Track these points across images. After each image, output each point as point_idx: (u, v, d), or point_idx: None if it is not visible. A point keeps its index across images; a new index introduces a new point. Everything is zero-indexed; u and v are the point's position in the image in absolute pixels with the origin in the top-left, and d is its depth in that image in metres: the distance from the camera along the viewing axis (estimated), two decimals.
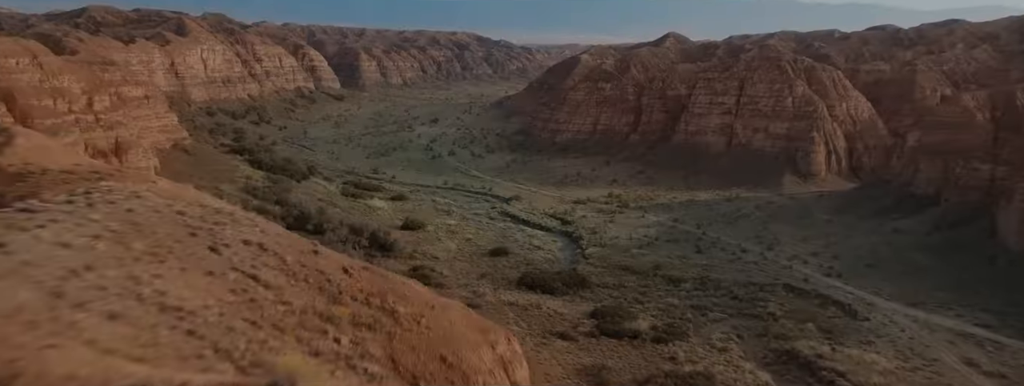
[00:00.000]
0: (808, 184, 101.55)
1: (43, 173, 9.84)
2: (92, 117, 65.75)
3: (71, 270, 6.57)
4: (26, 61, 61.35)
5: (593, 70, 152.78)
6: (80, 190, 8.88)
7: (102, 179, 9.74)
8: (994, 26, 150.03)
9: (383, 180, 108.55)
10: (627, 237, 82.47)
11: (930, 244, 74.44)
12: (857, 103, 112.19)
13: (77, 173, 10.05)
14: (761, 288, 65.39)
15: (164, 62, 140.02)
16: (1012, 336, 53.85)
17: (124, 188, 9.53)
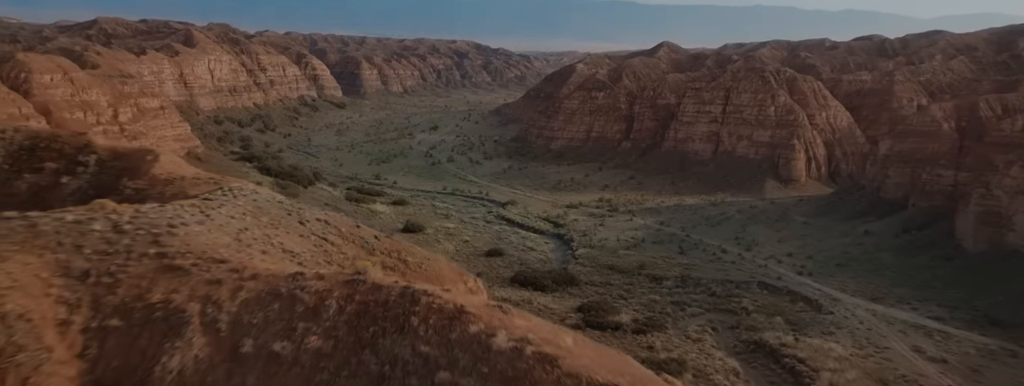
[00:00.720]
0: (789, 189, 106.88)
1: (182, 179, 14.92)
2: (117, 128, 71.04)
3: (239, 229, 11.80)
4: (59, 77, 66.70)
5: (587, 79, 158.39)
6: (217, 188, 14.14)
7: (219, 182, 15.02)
8: (974, 38, 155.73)
9: (385, 186, 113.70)
10: (615, 239, 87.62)
11: (896, 245, 79.69)
12: (836, 112, 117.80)
13: (201, 178, 15.27)
14: (737, 285, 70.53)
15: (173, 72, 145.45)
16: (959, 327, 59.08)
17: (246, 187, 14.85)
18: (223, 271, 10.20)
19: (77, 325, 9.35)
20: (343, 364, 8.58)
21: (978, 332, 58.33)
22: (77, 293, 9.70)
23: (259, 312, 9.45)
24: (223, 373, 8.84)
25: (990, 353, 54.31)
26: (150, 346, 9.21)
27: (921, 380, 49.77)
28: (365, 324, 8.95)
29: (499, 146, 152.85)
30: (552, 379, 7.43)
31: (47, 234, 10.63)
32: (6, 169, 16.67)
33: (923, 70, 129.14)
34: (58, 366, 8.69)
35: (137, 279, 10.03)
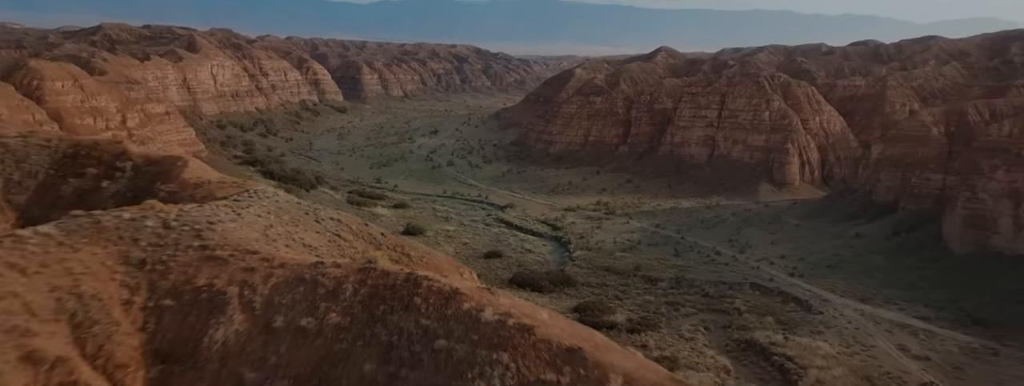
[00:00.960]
0: (783, 192, 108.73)
1: (209, 182, 16.84)
2: (126, 133, 72.98)
3: (265, 226, 13.74)
4: (69, 84, 68.67)
5: (586, 84, 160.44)
6: (243, 191, 16.06)
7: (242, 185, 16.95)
8: (967, 44, 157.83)
9: (386, 189, 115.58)
10: (612, 241, 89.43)
11: (886, 247, 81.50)
12: (829, 117, 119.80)
13: (226, 181, 17.20)
14: (730, 286, 72.33)
15: (177, 78, 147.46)
16: (944, 326, 60.88)
17: (268, 190, 16.78)
18: (256, 260, 12.10)
19: (138, 304, 11.21)
20: (359, 335, 10.45)
21: (962, 331, 60.14)
22: (136, 278, 11.57)
23: (287, 294, 11.33)
24: (259, 344, 10.70)
25: (972, 351, 56.11)
26: (198, 322, 11.07)
27: (904, 377, 51.58)
28: (376, 303, 10.83)
29: (498, 150, 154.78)
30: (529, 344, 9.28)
31: (109, 230, 12.51)
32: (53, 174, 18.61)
33: (916, 76, 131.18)
34: (125, 337, 10.54)
35: (185, 267, 11.91)
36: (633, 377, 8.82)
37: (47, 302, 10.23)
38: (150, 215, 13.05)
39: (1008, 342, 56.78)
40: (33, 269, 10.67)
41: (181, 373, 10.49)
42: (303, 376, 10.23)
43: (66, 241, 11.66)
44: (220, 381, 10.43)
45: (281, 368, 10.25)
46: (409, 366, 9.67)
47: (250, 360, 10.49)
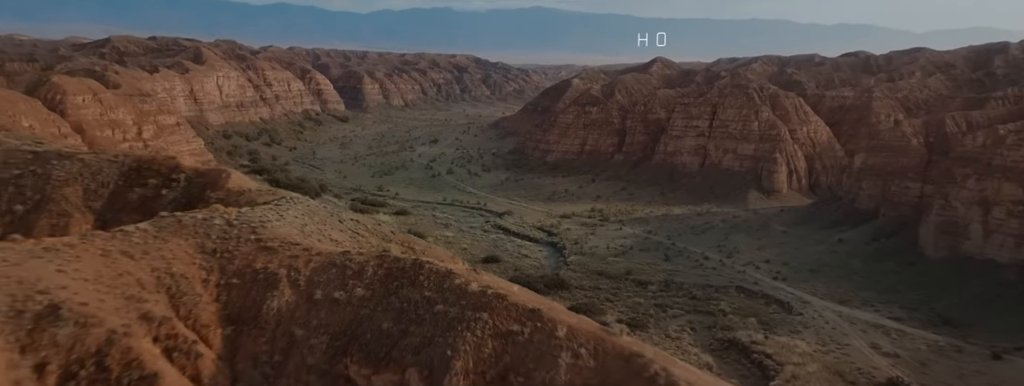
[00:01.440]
0: (771, 200, 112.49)
1: (249, 191, 20.54)
2: (142, 144, 76.90)
3: (302, 225, 17.50)
4: (89, 98, 72.67)
5: (582, 94, 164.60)
6: (280, 197, 19.79)
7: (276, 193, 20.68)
8: (953, 55, 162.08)
9: (387, 197, 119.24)
10: (605, 247, 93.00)
11: (866, 252, 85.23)
12: (816, 127, 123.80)
13: (263, 190, 20.95)
14: (717, 289, 75.90)
15: (184, 89, 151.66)
16: (915, 326, 64.50)
17: (300, 197, 20.55)
18: (298, 250, 15.82)
19: (213, 282, 14.91)
20: (378, 304, 14.16)
21: (931, 331, 63.75)
22: (210, 263, 15.28)
23: (323, 274, 15.05)
24: (304, 310, 14.41)
25: (939, 349, 59.72)
26: (257, 295, 14.76)
27: (874, 372, 55.22)
28: (390, 281, 14.55)
29: (497, 159, 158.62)
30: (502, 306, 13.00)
31: (189, 226, 16.23)
32: (121, 184, 22.36)
33: (901, 87, 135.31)
34: (206, 305, 14.24)
35: (245, 254, 15.63)
36: (575, 327, 12.39)
37: (151, 279, 13.92)
38: (217, 216, 16.75)
39: (972, 340, 60.39)
40: (138, 255, 14.36)
41: (247, 331, 14.16)
42: (338, 333, 13.92)
43: (159, 235, 15.33)
44: (276, 337, 14.11)
45: (321, 327, 13.95)
46: (415, 323, 13.35)
47: (298, 322, 14.16)
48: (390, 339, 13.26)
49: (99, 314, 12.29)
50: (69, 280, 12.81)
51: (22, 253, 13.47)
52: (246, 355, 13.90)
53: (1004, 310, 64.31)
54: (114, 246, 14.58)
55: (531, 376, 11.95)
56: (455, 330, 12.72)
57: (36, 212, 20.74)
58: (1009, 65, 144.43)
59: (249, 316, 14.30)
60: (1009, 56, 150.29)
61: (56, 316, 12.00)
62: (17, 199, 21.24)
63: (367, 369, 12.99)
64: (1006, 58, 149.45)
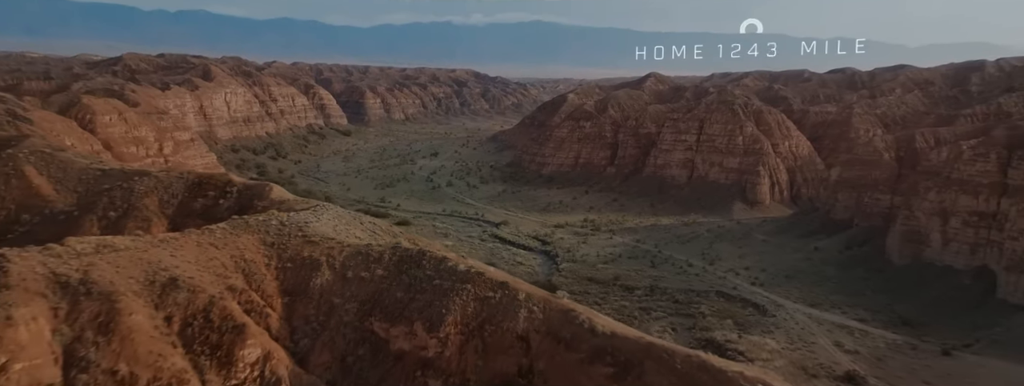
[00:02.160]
0: (754, 211, 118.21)
1: (288, 200, 26.14)
2: (162, 159, 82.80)
3: (334, 225, 23.03)
4: (115, 117, 78.70)
5: (576, 109, 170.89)
6: (314, 205, 25.43)
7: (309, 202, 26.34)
8: (932, 73, 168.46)
9: (390, 208, 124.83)
10: (596, 255, 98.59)
11: (839, 260, 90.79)
12: (798, 141, 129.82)
13: (298, 200, 26.61)
14: (698, 294, 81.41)
15: (194, 105, 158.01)
16: (876, 327, 70.00)
17: (329, 205, 26.24)
18: (334, 243, 21.46)
19: (273, 266, 20.52)
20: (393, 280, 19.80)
21: (891, 330, 69.22)
22: (270, 252, 20.92)
23: (352, 260, 20.69)
24: (339, 285, 20.02)
25: (896, 347, 65.19)
26: (305, 275, 20.34)
27: (834, 367, 60.72)
28: (402, 264, 20.18)
29: (495, 171, 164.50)
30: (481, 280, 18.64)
31: (253, 226, 21.87)
32: (187, 196, 28.11)
33: (880, 103, 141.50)
34: (269, 281, 19.83)
35: (295, 246, 21.26)
36: (530, 293, 17.87)
37: (231, 262, 19.53)
38: (273, 218, 22.36)
39: (927, 339, 65.83)
40: (221, 246, 19.97)
41: (299, 300, 19.73)
42: (364, 300, 19.50)
43: (233, 232, 20.93)
44: (320, 304, 19.70)
45: (352, 297, 19.52)
46: (420, 292, 18.91)
47: (335, 293, 19.72)
48: (402, 303, 18.82)
49: (202, 285, 17.85)
50: (179, 262, 18.39)
51: (147, 244, 19.07)
52: (299, 316, 19.44)
53: (958, 311, 69.82)
54: (204, 239, 20.15)
55: (500, 325, 17.53)
56: (448, 296, 18.27)
57: (125, 217, 26.39)
58: (985, 83, 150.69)
59: (300, 289, 19.82)
60: (985, 74, 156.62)
61: (175, 285, 17.56)
62: (110, 207, 26.98)
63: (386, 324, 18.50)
64: (982, 76, 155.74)
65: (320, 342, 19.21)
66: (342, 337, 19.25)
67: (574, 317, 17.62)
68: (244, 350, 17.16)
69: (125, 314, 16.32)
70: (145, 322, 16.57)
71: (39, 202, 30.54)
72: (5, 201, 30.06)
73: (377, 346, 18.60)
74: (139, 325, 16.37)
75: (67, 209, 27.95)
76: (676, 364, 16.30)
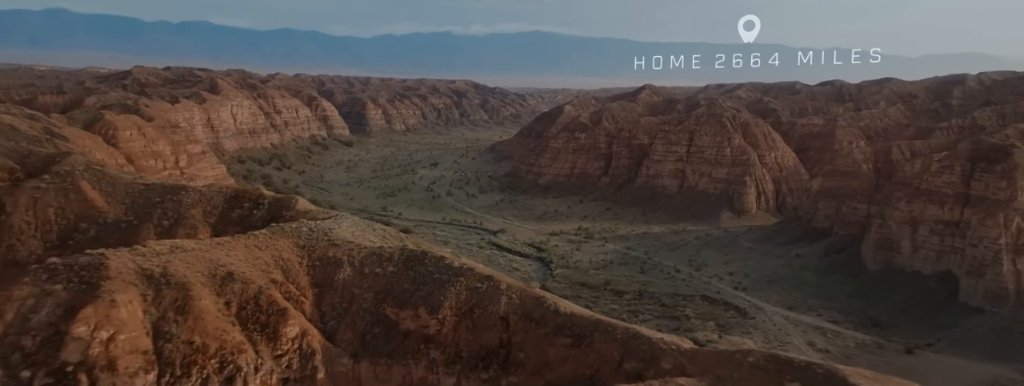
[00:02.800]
0: (741, 219, 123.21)
1: (312, 210, 31.04)
2: (178, 172, 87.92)
3: (352, 231, 27.94)
4: (135, 132, 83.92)
5: (572, 121, 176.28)
6: (335, 215, 30.34)
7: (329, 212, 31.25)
8: (915, 86, 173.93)
9: (391, 217, 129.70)
10: (588, 261, 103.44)
11: (818, 266, 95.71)
12: (783, 153, 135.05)
13: (319, 210, 31.54)
14: (684, 298, 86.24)
15: (202, 118, 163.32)
16: (848, 328, 74.83)
17: (349, 215, 31.19)
18: (353, 245, 26.42)
19: (305, 264, 25.48)
20: (401, 275, 24.78)
21: (861, 331, 74.06)
22: (302, 253, 25.92)
23: (368, 259, 25.67)
24: (358, 279, 24.97)
25: (864, 346, 70.04)
26: (331, 271, 25.29)
27: None
28: (408, 262, 25.15)
29: (493, 181, 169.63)
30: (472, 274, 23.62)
31: (288, 231, 26.85)
32: (226, 207, 33.12)
33: (863, 116, 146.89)
34: (303, 277, 24.79)
35: (322, 248, 26.23)
36: (510, 284, 22.74)
37: (271, 260, 24.47)
38: (303, 226, 27.33)
39: (893, 338, 70.67)
40: (263, 247, 24.89)
41: (327, 291, 24.63)
42: (379, 291, 24.41)
43: (272, 236, 25.85)
44: (343, 294, 24.60)
45: (369, 288, 24.40)
46: (423, 284, 23.79)
47: (355, 286, 24.63)
48: (408, 293, 23.69)
49: (251, 278, 22.71)
50: (233, 260, 23.28)
51: (207, 246, 24.01)
52: (327, 304, 24.29)
53: (924, 313, 74.70)
54: (251, 243, 25.05)
55: (486, 309, 22.43)
56: (445, 287, 23.13)
57: (176, 226, 31.36)
58: (965, 96, 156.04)
59: (327, 282, 24.69)
60: (966, 88, 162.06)
61: (231, 278, 22.46)
62: (164, 217, 31.97)
63: (396, 309, 23.36)
64: (963, 89, 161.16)
65: (344, 323, 24.12)
66: (361, 319, 24.20)
67: (543, 302, 22.60)
68: (286, 328, 22.07)
69: (196, 299, 21.25)
70: (211, 305, 21.46)
71: (94, 213, 35.55)
72: (65, 212, 35.08)
73: (389, 326, 23.50)
74: (207, 308, 21.28)
75: (126, 218, 32.99)
76: (617, 334, 21.12)
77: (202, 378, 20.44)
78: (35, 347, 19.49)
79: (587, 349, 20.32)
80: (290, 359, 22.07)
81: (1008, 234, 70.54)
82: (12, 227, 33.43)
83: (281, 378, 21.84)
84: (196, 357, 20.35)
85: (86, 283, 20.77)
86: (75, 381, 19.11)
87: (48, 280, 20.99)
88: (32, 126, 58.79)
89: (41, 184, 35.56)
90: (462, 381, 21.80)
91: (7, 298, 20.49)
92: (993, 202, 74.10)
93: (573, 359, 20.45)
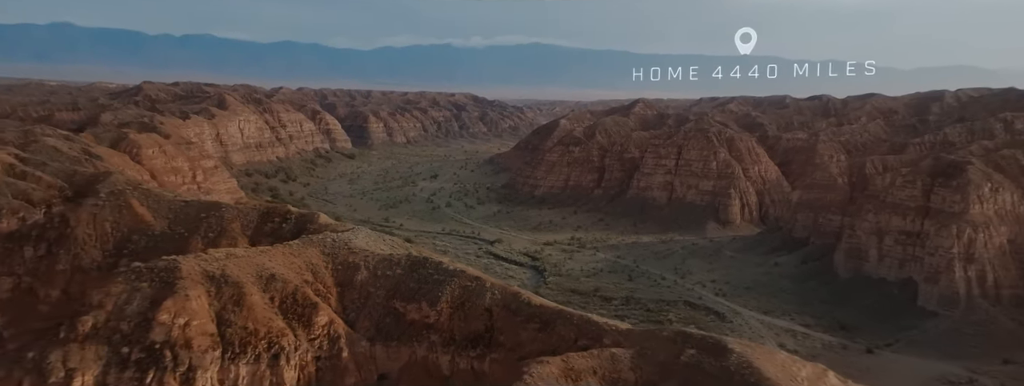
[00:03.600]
0: (726, 230, 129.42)
1: (332, 223, 37.04)
2: (196, 186, 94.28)
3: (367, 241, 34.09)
4: (156, 150, 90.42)
5: (567, 135, 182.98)
6: (352, 227, 36.35)
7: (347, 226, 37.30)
8: (896, 102, 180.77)
9: (393, 227, 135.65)
10: (579, 269, 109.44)
11: (795, 274, 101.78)
12: (767, 166, 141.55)
13: (338, 224, 37.53)
14: (668, 303, 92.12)
15: (212, 133, 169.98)
16: (817, 330, 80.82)
17: (363, 228, 37.37)
18: (368, 253, 32.58)
19: (330, 267, 31.63)
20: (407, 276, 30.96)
21: (829, 334, 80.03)
22: (327, 259, 32.10)
23: (381, 264, 31.86)
24: (372, 280, 31.14)
25: (830, 347, 76.03)
26: (350, 274, 31.39)
27: None
28: (413, 266, 31.33)
29: (491, 192, 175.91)
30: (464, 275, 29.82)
31: (315, 241, 33.06)
32: (259, 221, 39.40)
33: (844, 131, 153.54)
34: (328, 278, 30.92)
35: (343, 255, 32.39)
36: (494, 282, 28.75)
37: (304, 264, 30.63)
38: (327, 237, 33.52)
39: (857, 340, 76.67)
40: (297, 254, 31.04)
41: (347, 290, 30.73)
42: (390, 289, 30.54)
43: (304, 245, 31.97)
44: (360, 292, 30.75)
45: (381, 287, 30.49)
46: (425, 283, 29.86)
47: (370, 285, 30.76)
48: (413, 290, 29.79)
49: (291, 278, 28.83)
50: (274, 264, 29.39)
51: (253, 253, 30.16)
52: (348, 299, 30.35)
53: (887, 316, 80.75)
54: (286, 250, 31.18)
55: (474, 302, 28.52)
56: (442, 285, 29.22)
57: (219, 237, 37.54)
58: (943, 112, 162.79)
59: (347, 283, 30.75)
60: (944, 104, 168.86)
61: (273, 278, 28.55)
62: (209, 230, 38.23)
63: (403, 303, 29.43)
64: (941, 106, 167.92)
65: (362, 315, 30.29)
66: (375, 311, 30.40)
67: (519, 296, 28.78)
68: (318, 317, 28.15)
69: (248, 295, 27.42)
70: (259, 300, 27.59)
71: (143, 226, 41.79)
72: (119, 225, 41.37)
73: (398, 317, 29.61)
74: (256, 301, 27.43)
75: (177, 231, 39.28)
76: (574, 320, 27.17)
77: (255, 355, 26.59)
78: (130, 330, 25.65)
79: (551, 332, 26.32)
80: (321, 341, 28.21)
81: (960, 244, 76.80)
82: (77, 238, 39.70)
83: (314, 356, 27.99)
84: (250, 339, 26.47)
85: (165, 282, 26.94)
86: (161, 356, 25.24)
87: (136, 279, 27.16)
88: (71, 147, 65.29)
89: (98, 201, 41.86)
90: (455, 359, 28.01)
91: (106, 293, 26.70)
92: (948, 214, 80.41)
93: (540, 339, 26.54)
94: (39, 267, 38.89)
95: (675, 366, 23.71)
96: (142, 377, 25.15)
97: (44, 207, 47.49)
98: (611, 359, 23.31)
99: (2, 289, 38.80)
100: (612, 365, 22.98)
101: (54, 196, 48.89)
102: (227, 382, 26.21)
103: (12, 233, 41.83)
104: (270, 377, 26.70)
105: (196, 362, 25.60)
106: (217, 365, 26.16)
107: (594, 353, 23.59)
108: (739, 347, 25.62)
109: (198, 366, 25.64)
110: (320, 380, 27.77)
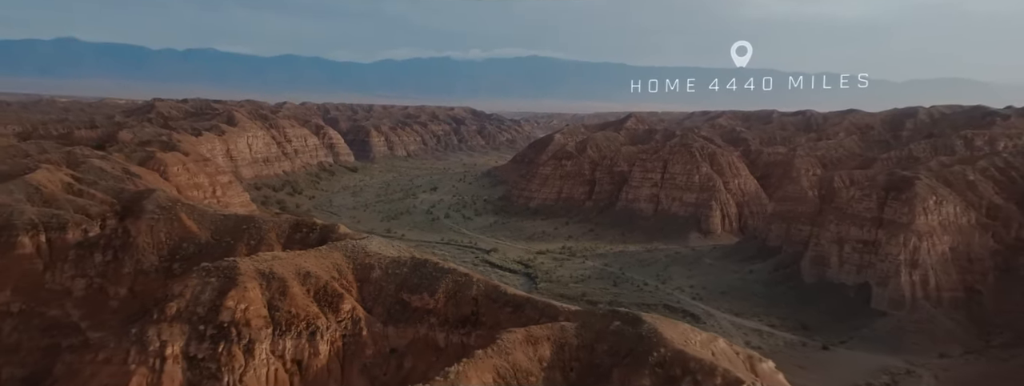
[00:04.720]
0: (707, 239, 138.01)
1: (349, 233, 45.33)
2: (215, 200, 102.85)
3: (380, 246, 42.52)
4: (180, 167, 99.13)
5: (560, 149, 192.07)
6: (367, 235, 44.66)
7: (362, 235, 45.72)
8: (872, 118, 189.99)
9: (395, 238, 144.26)
10: (569, 276, 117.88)
11: (767, 279, 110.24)
12: (746, 180, 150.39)
13: (356, 233, 46.00)
14: (648, 307, 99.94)
15: (222, 149, 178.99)
16: (782, 330, 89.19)
17: (376, 236, 45.80)
18: (381, 256, 41.04)
19: (351, 268, 40.06)
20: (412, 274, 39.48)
21: (791, 333, 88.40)
22: (349, 261, 40.57)
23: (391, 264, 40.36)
24: (384, 277, 39.59)
25: (790, 345, 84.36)
26: (367, 272, 39.80)
27: None
28: (416, 266, 39.82)
29: (488, 204, 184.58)
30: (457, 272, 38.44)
31: (339, 247, 41.51)
32: (289, 231, 47.96)
33: (821, 146, 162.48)
34: (349, 275, 39.40)
35: (360, 258, 40.85)
36: (479, 278, 36.98)
37: (331, 264, 39.03)
38: (348, 243, 41.95)
39: (816, 338, 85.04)
40: (325, 257, 39.42)
41: (364, 285, 39.07)
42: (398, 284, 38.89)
43: (329, 250, 40.33)
44: (375, 286, 39.15)
45: (391, 282, 38.82)
46: (426, 279, 38.17)
47: (383, 281, 39.14)
48: (416, 284, 38.21)
49: (321, 275, 37.21)
50: (308, 264, 37.80)
51: (292, 255, 38.59)
52: (365, 292, 38.75)
53: (843, 317, 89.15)
54: (317, 254, 39.58)
55: (464, 293, 36.94)
56: (439, 280, 37.64)
57: (259, 244, 46.01)
58: (916, 128, 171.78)
59: (365, 279, 39.18)
60: (917, 120, 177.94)
61: (308, 274, 36.94)
62: (251, 238, 46.74)
63: (409, 294, 37.84)
64: (915, 122, 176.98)
65: (377, 303, 38.73)
66: (387, 301, 38.86)
67: (498, 288, 37.28)
68: (343, 305, 36.48)
69: (291, 287, 35.84)
70: (299, 291, 36.03)
71: (190, 236, 50.33)
72: (172, 236, 49.93)
73: (404, 305, 38.00)
74: (297, 292, 35.86)
75: (224, 240, 47.79)
76: (538, 305, 35.49)
77: (297, 332, 35.02)
78: (204, 313, 34.08)
79: (521, 313, 34.63)
80: (346, 323, 36.59)
81: (907, 251, 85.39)
82: (138, 246, 48.26)
83: (341, 334, 36.35)
84: (293, 320, 34.81)
85: (228, 277, 35.36)
86: (228, 332, 33.67)
87: (206, 275, 35.67)
88: (113, 166, 74.07)
89: (154, 215, 50.49)
90: (449, 335, 36.39)
91: (185, 285, 35.22)
92: (898, 224, 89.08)
93: (513, 319, 34.82)
94: (107, 270, 47.35)
95: (605, 333, 32.10)
96: (215, 348, 33.60)
97: (100, 220, 56.14)
98: (561, 329, 31.65)
99: (77, 288, 47.29)
100: (561, 333, 31.35)
101: (107, 211, 57.50)
102: (277, 352, 34.59)
103: (81, 242, 50.38)
104: (308, 349, 35.08)
105: (254, 337, 34.06)
106: (269, 339, 34.59)
107: (549, 326, 31.91)
108: (650, 319, 33.95)
109: (256, 340, 34.11)
110: (346, 352, 36.15)
